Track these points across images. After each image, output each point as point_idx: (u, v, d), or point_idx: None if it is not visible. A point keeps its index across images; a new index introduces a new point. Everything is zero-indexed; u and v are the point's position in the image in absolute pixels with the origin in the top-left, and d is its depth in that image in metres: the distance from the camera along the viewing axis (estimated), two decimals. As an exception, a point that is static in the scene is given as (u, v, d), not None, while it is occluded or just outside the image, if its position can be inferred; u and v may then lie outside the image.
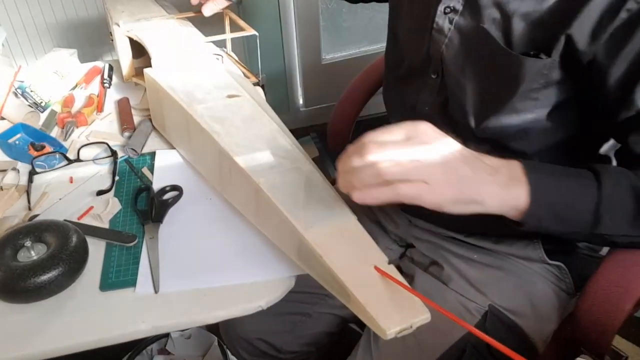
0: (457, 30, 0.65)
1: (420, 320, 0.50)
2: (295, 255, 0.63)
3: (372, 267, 0.55)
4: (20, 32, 1.63)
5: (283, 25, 1.98)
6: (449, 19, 0.66)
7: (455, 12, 0.65)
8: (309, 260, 0.60)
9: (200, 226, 0.73)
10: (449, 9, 0.65)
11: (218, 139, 0.72)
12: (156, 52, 0.95)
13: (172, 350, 1.20)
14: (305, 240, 0.58)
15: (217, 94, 0.83)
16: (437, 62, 0.69)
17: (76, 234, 0.65)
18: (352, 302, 0.53)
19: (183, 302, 0.62)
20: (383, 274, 0.54)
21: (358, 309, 0.52)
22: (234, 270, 0.66)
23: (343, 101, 1.14)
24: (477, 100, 0.66)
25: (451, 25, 0.66)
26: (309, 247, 0.58)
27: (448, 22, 0.66)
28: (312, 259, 0.58)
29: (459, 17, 0.65)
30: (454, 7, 0.65)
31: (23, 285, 0.59)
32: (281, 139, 0.74)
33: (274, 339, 0.88)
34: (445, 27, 0.66)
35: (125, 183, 0.82)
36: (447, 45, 0.67)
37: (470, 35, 0.64)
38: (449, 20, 0.66)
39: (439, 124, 0.69)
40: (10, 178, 0.83)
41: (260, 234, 0.70)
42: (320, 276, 0.59)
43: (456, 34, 0.66)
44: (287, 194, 0.64)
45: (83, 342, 0.58)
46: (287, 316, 0.87)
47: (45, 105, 1.01)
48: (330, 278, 0.56)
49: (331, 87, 1.96)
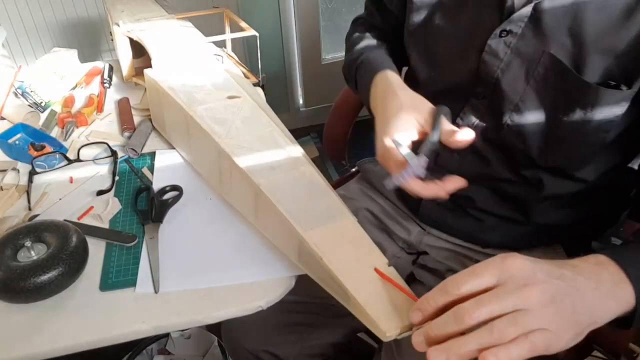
0: (515, 54, 0.61)
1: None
2: (296, 256, 0.63)
3: (372, 269, 0.55)
4: (20, 32, 1.63)
5: (283, 25, 1.98)
6: (504, 42, 0.61)
7: (513, 35, 0.61)
8: (309, 261, 0.60)
9: (200, 226, 0.73)
10: (506, 32, 0.61)
11: (218, 140, 0.72)
12: (156, 53, 0.95)
13: (172, 350, 1.20)
14: (305, 242, 0.58)
15: (218, 95, 0.83)
16: (487, 85, 0.65)
17: (76, 234, 0.65)
18: (351, 304, 0.53)
19: (183, 302, 0.62)
20: (383, 276, 0.54)
21: (358, 311, 0.52)
22: (234, 270, 0.66)
23: (339, 105, 1.14)
24: (542, 129, 0.62)
25: (508, 49, 0.61)
26: (309, 248, 0.58)
27: (504, 45, 0.62)
28: (312, 260, 0.58)
29: (518, 40, 0.60)
30: (511, 30, 0.60)
31: (23, 285, 0.59)
32: (281, 140, 0.74)
33: (279, 350, 0.86)
34: (501, 50, 0.62)
35: (125, 183, 0.82)
36: (504, 69, 0.62)
37: (534, 61, 0.60)
38: (505, 43, 0.61)
39: (484, 148, 0.68)
40: (10, 178, 0.83)
41: (260, 234, 0.70)
42: (320, 278, 0.59)
43: (515, 58, 0.61)
44: (288, 195, 0.64)
45: (83, 342, 0.58)
46: (291, 327, 0.86)
47: (45, 105, 1.01)
48: (330, 280, 0.56)
49: (331, 87, 1.95)
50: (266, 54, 2.02)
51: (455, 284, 0.43)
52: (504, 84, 0.63)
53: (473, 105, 0.67)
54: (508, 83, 0.63)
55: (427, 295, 0.45)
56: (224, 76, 0.89)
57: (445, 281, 0.44)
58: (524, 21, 0.59)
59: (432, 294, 0.45)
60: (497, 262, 0.44)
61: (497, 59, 0.62)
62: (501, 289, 0.42)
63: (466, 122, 0.68)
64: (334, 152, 1.18)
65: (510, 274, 0.43)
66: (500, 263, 0.43)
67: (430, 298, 0.44)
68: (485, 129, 0.67)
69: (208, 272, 0.65)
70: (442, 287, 0.44)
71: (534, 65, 0.60)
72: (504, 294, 0.42)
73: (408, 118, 0.60)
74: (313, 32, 2.03)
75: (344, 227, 0.61)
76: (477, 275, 0.43)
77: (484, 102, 0.66)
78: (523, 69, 0.61)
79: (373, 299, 0.52)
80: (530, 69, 0.61)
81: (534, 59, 0.60)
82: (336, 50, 2.16)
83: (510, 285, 0.42)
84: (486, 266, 0.43)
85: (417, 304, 0.45)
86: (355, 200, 0.90)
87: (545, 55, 0.59)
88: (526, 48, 0.60)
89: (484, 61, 0.64)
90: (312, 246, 0.57)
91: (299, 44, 2.04)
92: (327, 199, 0.65)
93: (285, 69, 2.10)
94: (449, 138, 0.56)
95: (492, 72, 0.63)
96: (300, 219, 0.61)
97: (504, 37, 0.61)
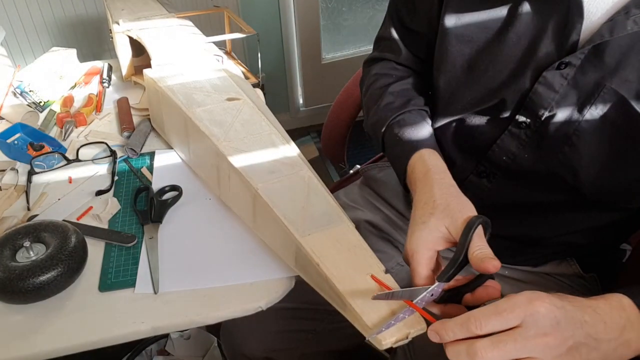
0: (572, 86, 0.57)
1: (417, 331, 0.49)
2: (293, 261, 0.62)
3: (368, 275, 0.55)
4: (19, 32, 1.62)
5: (283, 25, 1.98)
6: (561, 75, 0.58)
7: (571, 67, 0.57)
8: (305, 267, 0.60)
9: (200, 226, 0.72)
10: (564, 64, 0.57)
11: (217, 142, 0.72)
12: (156, 53, 0.94)
13: (172, 351, 1.19)
14: (302, 247, 0.58)
15: (217, 96, 0.82)
16: (535, 116, 0.61)
17: (75, 234, 0.64)
18: (348, 311, 0.53)
19: (182, 303, 0.61)
20: (379, 282, 0.54)
21: (354, 318, 0.52)
22: (234, 270, 0.65)
23: (338, 106, 1.13)
24: (597, 166, 0.59)
25: (565, 81, 0.58)
26: (305, 254, 0.57)
27: (561, 77, 0.58)
28: (309, 266, 0.58)
29: (577, 72, 0.57)
30: (569, 62, 0.57)
31: (22, 286, 0.58)
32: (280, 143, 0.74)
33: (279, 357, 0.85)
34: (557, 83, 0.58)
35: (124, 183, 0.81)
36: (559, 102, 0.58)
37: (592, 95, 0.57)
38: (562, 75, 0.57)
39: (522, 177, 0.64)
40: (9, 178, 0.82)
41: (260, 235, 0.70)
42: (316, 284, 0.59)
43: (571, 90, 0.58)
44: (285, 200, 0.64)
45: (82, 343, 0.58)
46: (292, 333, 0.85)
47: (44, 105, 1.01)
48: (326, 286, 0.56)
49: (331, 87, 1.95)
50: (266, 53, 2.02)
51: (479, 324, 0.42)
52: (557, 117, 0.59)
53: (513, 133, 0.63)
54: (563, 117, 0.59)
55: (447, 326, 0.44)
56: (224, 77, 0.89)
57: (469, 317, 0.43)
58: (585, 53, 0.56)
59: (453, 325, 0.44)
60: (524, 305, 0.43)
61: (553, 91, 0.58)
62: (520, 334, 0.42)
63: (504, 148, 0.64)
64: (333, 154, 1.17)
65: (535, 320, 0.42)
66: (527, 305, 0.42)
67: (449, 329, 0.44)
68: (525, 160, 0.64)
69: (208, 272, 0.65)
70: (464, 323, 0.43)
71: (591, 99, 0.57)
72: (522, 340, 0.41)
73: (437, 226, 0.54)
74: (313, 32, 2.03)
75: (341, 233, 0.60)
76: (502, 317, 0.42)
77: (527, 132, 0.62)
78: (579, 102, 0.58)
79: (369, 307, 0.51)
80: (587, 102, 0.57)
81: (592, 92, 0.57)
82: (336, 50, 2.15)
83: (530, 332, 0.42)
84: (512, 308, 0.42)
85: (437, 328, 0.44)
86: (358, 209, 0.88)
87: (605, 90, 0.56)
88: (584, 80, 0.57)
89: (536, 93, 0.59)
90: (308, 252, 0.57)
91: (299, 43, 2.04)
92: (324, 204, 0.64)
93: (285, 68, 2.10)
94: (478, 263, 0.50)
95: (546, 104, 0.59)
96: (297, 224, 0.60)
97: (562, 70, 0.57)
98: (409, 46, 0.77)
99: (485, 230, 0.53)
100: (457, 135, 0.70)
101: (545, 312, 0.42)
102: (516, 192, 0.67)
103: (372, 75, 0.79)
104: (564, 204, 0.65)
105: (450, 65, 0.67)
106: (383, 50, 0.80)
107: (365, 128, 0.77)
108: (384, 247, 0.83)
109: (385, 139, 0.72)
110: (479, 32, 0.63)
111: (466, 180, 0.70)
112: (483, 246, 0.50)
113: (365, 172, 0.93)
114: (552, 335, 0.42)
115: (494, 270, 0.48)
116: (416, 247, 0.54)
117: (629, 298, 0.47)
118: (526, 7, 0.59)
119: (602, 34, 0.54)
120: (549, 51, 0.58)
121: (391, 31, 0.77)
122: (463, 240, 0.51)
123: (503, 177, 0.66)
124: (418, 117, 0.71)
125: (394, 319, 0.49)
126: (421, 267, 0.53)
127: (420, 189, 0.60)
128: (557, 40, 0.58)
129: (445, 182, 0.59)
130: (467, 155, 0.69)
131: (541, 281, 0.74)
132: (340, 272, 0.55)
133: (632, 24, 0.52)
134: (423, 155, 0.64)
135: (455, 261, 0.50)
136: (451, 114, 0.69)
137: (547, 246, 0.71)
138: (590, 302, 0.46)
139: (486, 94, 0.64)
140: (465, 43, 0.65)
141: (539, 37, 0.59)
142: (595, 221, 0.66)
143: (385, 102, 0.73)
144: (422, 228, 0.55)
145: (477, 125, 0.67)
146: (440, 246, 0.54)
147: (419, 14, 0.72)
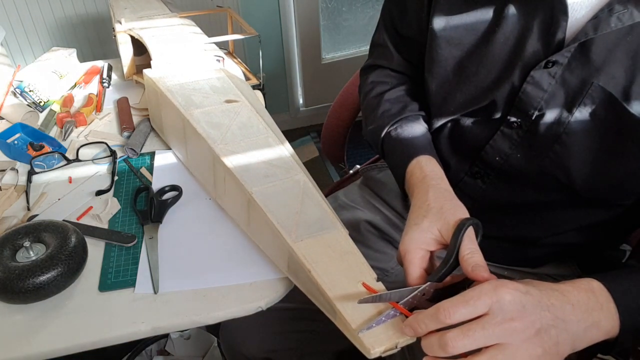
0: (560, 84, 0.58)
1: (406, 340, 0.48)
2: (285, 266, 0.62)
3: (359, 283, 0.54)
4: (19, 31, 1.62)
5: (283, 25, 1.98)
6: (549, 73, 0.58)
7: (558, 65, 0.57)
8: (297, 273, 0.59)
9: (200, 226, 0.72)
10: (551, 63, 0.57)
11: (213, 145, 0.72)
12: (156, 53, 0.94)
13: (172, 351, 1.19)
14: (295, 253, 0.58)
15: (215, 98, 0.82)
16: (525, 116, 0.61)
17: (75, 234, 0.64)
18: (337, 319, 0.53)
19: (182, 303, 0.61)
20: (371, 290, 0.53)
21: (343, 326, 0.52)
22: (234, 270, 0.65)
23: (337, 106, 1.12)
24: (588, 163, 0.59)
25: (553, 80, 0.58)
26: (298, 260, 0.57)
27: (549, 76, 0.58)
28: (301, 272, 0.58)
29: (564, 71, 0.57)
30: (556, 60, 0.57)
31: (22, 286, 0.58)
32: (277, 147, 0.73)
33: (279, 357, 0.85)
34: (545, 81, 0.58)
35: (124, 183, 0.81)
36: (547, 101, 0.59)
37: (580, 92, 0.57)
38: (550, 74, 0.58)
39: (516, 176, 0.64)
40: (9, 178, 0.82)
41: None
42: (308, 290, 0.58)
43: (559, 89, 0.58)
44: (280, 205, 0.63)
45: (82, 343, 0.58)
46: (292, 334, 0.85)
47: (44, 104, 1.01)
48: (317, 293, 0.55)
49: (331, 87, 1.95)
50: (266, 53, 2.02)
51: (447, 313, 0.44)
52: (546, 116, 0.60)
53: (505, 133, 0.64)
54: (552, 116, 0.59)
55: (419, 318, 0.46)
56: (223, 79, 0.89)
57: (438, 308, 0.44)
58: (571, 51, 0.56)
59: (424, 317, 0.45)
60: (490, 292, 0.44)
61: (541, 90, 0.59)
62: (488, 321, 0.43)
63: (497, 149, 0.65)
64: (332, 154, 1.17)
65: (500, 306, 0.43)
66: (493, 293, 0.44)
67: (421, 322, 0.45)
68: (517, 159, 0.64)
69: (208, 272, 0.65)
70: (434, 314, 0.44)
71: (579, 97, 0.57)
72: (490, 327, 0.43)
73: (430, 227, 0.55)
74: (313, 32, 2.03)
75: (334, 240, 0.60)
76: (469, 305, 0.44)
77: (518, 132, 0.62)
78: (568, 101, 0.58)
79: (359, 315, 0.51)
80: (576, 100, 0.57)
81: (580, 90, 0.57)
82: (336, 50, 2.15)
83: (497, 318, 0.43)
84: (479, 295, 0.44)
85: (411, 322, 0.46)
86: (358, 209, 0.87)
87: (593, 87, 0.56)
88: (572, 78, 0.57)
89: (525, 92, 0.60)
90: (300, 257, 0.57)
91: (299, 43, 2.04)
92: (319, 210, 0.64)
93: (285, 68, 2.10)
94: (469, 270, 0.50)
95: (535, 103, 0.60)
96: (290, 230, 0.60)
97: (549, 68, 0.58)
98: (402, 53, 0.78)
99: (477, 233, 0.53)
100: (450, 137, 0.71)
101: (511, 298, 0.44)
102: (511, 192, 0.67)
103: (368, 83, 0.80)
104: (558, 203, 0.65)
105: (440, 68, 0.67)
106: (377, 58, 0.81)
107: (365, 136, 0.78)
108: (384, 247, 0.84)
109: (384, 147, 0.73)
110: (467, 35, 0.64)
111: (461, 182, 0.70)
112: (474, 249, 0.51)
113: (365, 173, 0.94)
114: (519, 320, 0.43)
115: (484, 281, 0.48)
116: (408, 247, 0.55)
117: (599, 281, 0.48)
118: (511, 7, 0.59)
119: (587, 31, 0.54)
120: (536, 50, 0.59)
121: (384, 37, 0.79)
122: (454, 241, 0.52)
123: (497, 178, 0.67)
124: (415, 123, 0.72)
125: (385, 315, 0.49)
126: (413, 266, 0.54)
127: (416, 194, 0.61)
128: (544, 39, 0.58)
129: (440, 187, 0.61)
130: (461, 156, 0.70)
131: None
132: (332, 279, 0.55)
133: (616, 20, 0.53)
134: (420, 162, 0.65)
135: (447, 262, 0.51)
136: (444, 116, 0.69)
137: (543, 246, 0.71)
138: (558, 285, 0.47)
139: (477, 95, 0.65)
140: (454, 46, 0.65)
141: (525, 36, 0.59)
142: (590, 219, 0.66)
143: (382, 109, 0.74)
144: (415, 229, 0.56)
145: (470, 126, 0.67)
146: (432, 247, 0.55)
147: (410, 19, 0.73)
